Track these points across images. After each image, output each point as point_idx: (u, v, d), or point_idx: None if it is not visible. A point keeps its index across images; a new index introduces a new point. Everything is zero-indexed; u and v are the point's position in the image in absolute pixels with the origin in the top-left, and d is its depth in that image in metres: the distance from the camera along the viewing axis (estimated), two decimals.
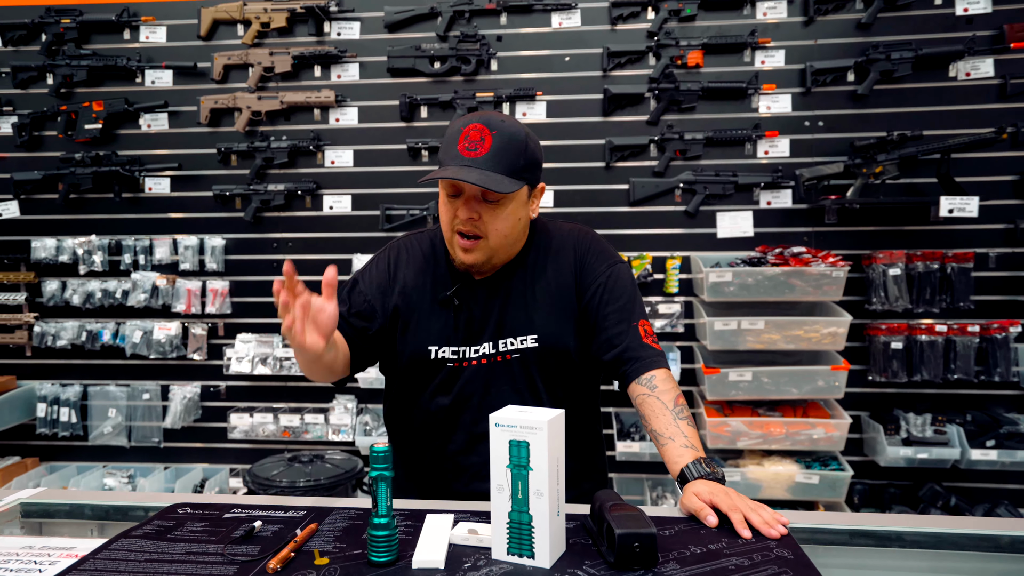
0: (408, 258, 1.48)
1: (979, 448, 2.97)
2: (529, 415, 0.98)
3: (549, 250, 1.46)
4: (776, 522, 1.07)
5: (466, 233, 1.35)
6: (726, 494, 1.12)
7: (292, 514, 1.17)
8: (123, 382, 3.58)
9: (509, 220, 1.36)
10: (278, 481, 2.90)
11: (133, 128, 3.55)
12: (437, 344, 1.41)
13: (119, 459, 3.61)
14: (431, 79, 3.37)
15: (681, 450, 1.22)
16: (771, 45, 3.23)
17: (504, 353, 1.40)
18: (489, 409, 1.39)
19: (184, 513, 1.17)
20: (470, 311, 1.42)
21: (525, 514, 0.97)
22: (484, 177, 1.28)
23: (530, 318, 1.41)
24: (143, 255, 3.51)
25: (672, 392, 1.30)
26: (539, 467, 0.96)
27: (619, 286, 1.41)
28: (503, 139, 1.31)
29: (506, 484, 0.99)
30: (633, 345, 1.35)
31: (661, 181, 3.29)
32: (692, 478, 1.18)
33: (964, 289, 3.10)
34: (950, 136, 3.06)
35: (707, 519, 1.10)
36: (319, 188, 3.44)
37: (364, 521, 1.14)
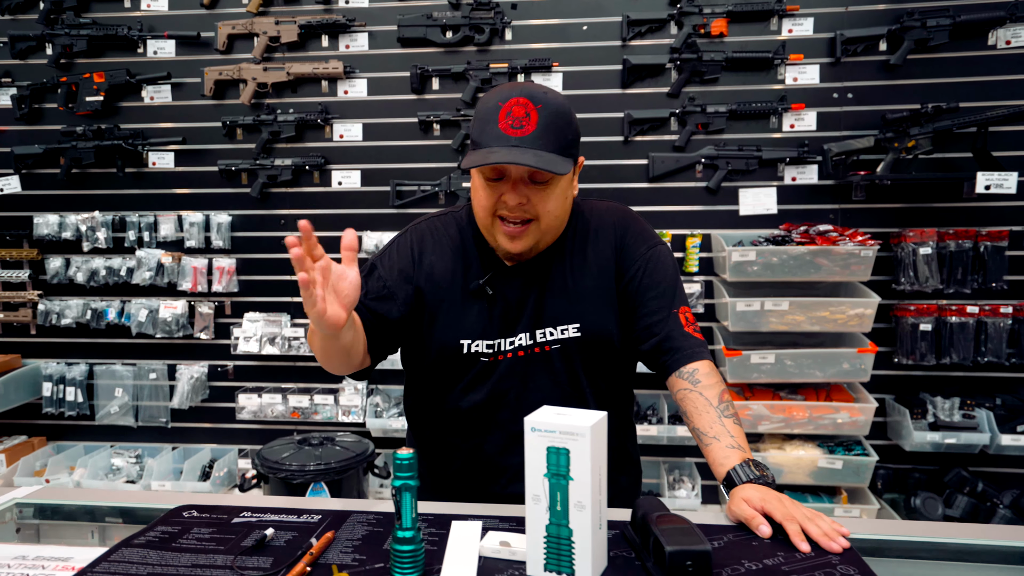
0: (433, 243, 1.35)
1: (1010, 433, 2.88)
2: (569, 419, 0.88)
3: (587, 231, 1.35)
4: (836, 533, 0.97)
5: (514, 219, 1.22)
6: (779, 501, 1.03)
7: (306, 519, 1.09)
8: (129, 361, 3.51)
9: (559, 199, 1.25)
10: (287, 464, 2.84)
11: (135, 100, 3.43)
12: (470, 337, 1.29)
13: (126, 439, 3.55)
14: (443, 49, 3.24)
15: (727, 451, 1.12)
16: (799, 12, 3.08)
17: (543, 344, 1.30)
18: (528, 405, 1.28)
19: (190, 517, 1.09)
20: (505, 300, 1.30)
21: (564, 528, 0.88)
22: (538, 158, 1.15)
23: (572, 306, 1.30)
24: (148, 232, 3.42)
25: (716, 387, 1.20)
26: (580, 477, 0.87)
27: (660, 269, 1.30)
28: (549, 113, 1.19)
29: (543, 494, 0.90)
30: (674, 334, 1.25)
31: (682, 156, 3.17)
32: (740, 482, 1.09)
33: (997, 268, 2.98)
34: (988, 108, 2.92)
35: (759, 529, 1.01)
36: (327, 163, 3.33)
37: (385, 528, 1.06)
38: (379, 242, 3.24)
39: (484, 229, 1.28)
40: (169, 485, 3.29)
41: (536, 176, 1.21)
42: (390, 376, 3.35)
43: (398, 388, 3.37)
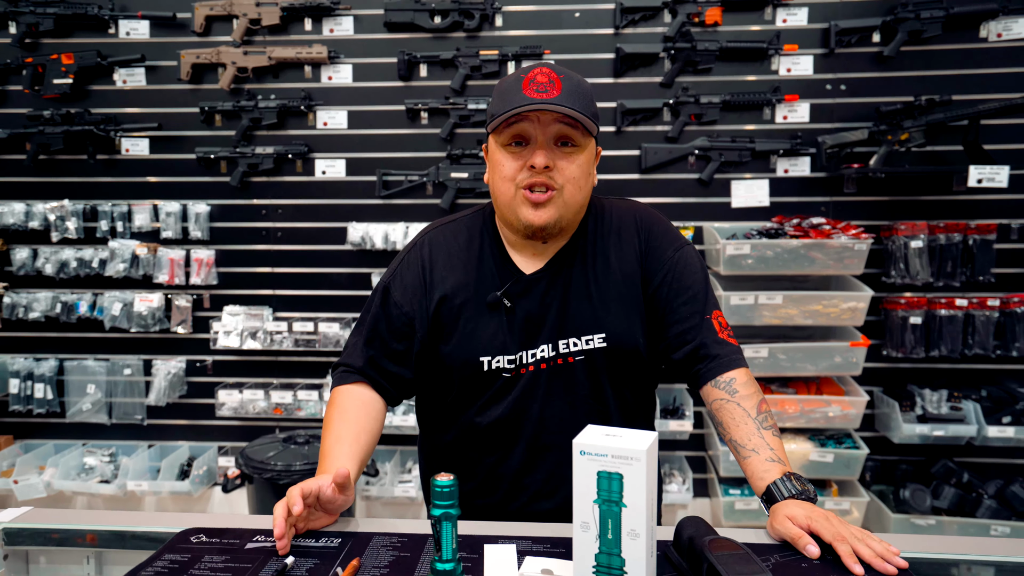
0: (446, 254, 1.28)
1: (995, 424, 2.91)
2: (622, 441, 0.83)
3: (608, 231, 1.28)
4: (890, 554, 0.94)
5: (538, 185, 1.17)
6: (826, 519, 0.98)
7: (325, 543, 1.02)
8: (102, 356, 3.37)
9: (584, 170, 1.20)
10: (273, 464, 2.76)
11: (107, 84, 3.28)
12: (490, 354, 1.22)
13: (100, 436, 3.43)
14: (431, 35, 3.14)
15: (767, 464, 1.08)
16: (794, 2, 3.04)
17: (566, 355, 1.23)
18: (551, 420, 1.23)
19: (199, 543, 1.01)
20: (525, 310, 1.23)
21: (616, 557, 0.83)
22: (570, 107, 1.13)
23: (596, 314, 1.23)
24: (121, 222, 3.28)
25: (755, 397, 1.15)
26: (635, 503, 0.82)
27: (688, 272, 1.25)
28: (573, 82, 1.17)
29: (593, 522, 0.84)
30: (708, 341, 1.20)
31: (674, 147, 3.12)
32: (781, 497, 1.04)
33: (986, 262, 3.00)
34: (980, 101, 2.92)
35: (807, 549, 0.96)
36: (311, 151, 3.22)
37: (411, 552, 0.99)
38: (365, 234, 3.15)
39: (506, 205, 1.21)
40: (146, 484, 3.18)
41: (564, 137, 1.17)
42: None
43: None
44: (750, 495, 2.98)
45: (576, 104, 1.14)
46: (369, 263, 3.21)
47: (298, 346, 3.17)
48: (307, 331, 3.16)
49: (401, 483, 3.15)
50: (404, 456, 3.31)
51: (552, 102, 1.13)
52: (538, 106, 1.12)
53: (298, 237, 3.27)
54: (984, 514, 2.92)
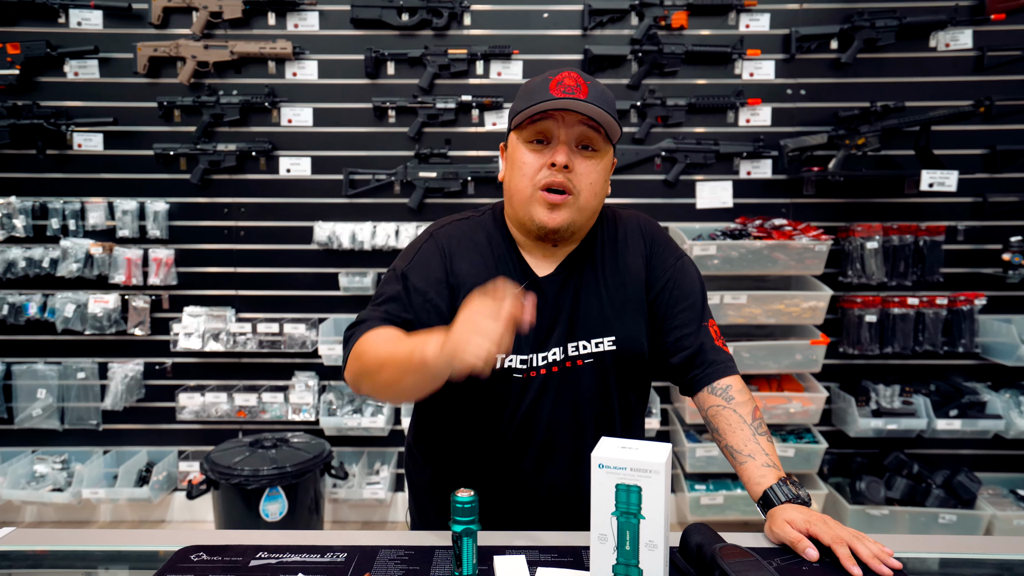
0: (462, 249, 1.26)
1: (944, 418, 3.04)
2: (639, 454, 0.84)
3: (616, 239, 1.30)
4: (885, 555, 0.98)
5: (555, 187, 1.17)
6: (825, 523, 1.02)
7: (332, 557, 1.01)
8: (53, 360, 3.24)
9: (602, 176, 1.21)
10: (240, 469, 2.71)
11: (57, 76, 3.14)
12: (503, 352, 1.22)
13: (51, 443, 3.30)
14: (399, 32, 3.11)
15: (763, 470, 1.11)
16: (756, 7, 3.11)
17: (576, 358, 1.23)
18: (558, 422, 1.24)
19: (200, 562, 0.99)
20: (538, 312, 1.22)
21: (634, 568, 0.85)
22: (597, 109, 1.14)
23: (606, 318, 1.24)
24: (74, 220, 3.16)
25: (749, 404, 1.18)
26: (653, 515, 0.83)
27: (688, 281, 1.28)
28: (599, 89, 1.18)
29: (611, 534, 0.85)
30: (705, 348, 1.22)
31: (641, 149, 3.17)
32: (778, 502, 1.07)
33: (935, 262, 3.13)
34: (930, 108, 3.04)
35: (806, 552, 1.00)
36: (275, 149, 3.15)
37: (420, 566, 0.99)
38: (331, 233, 3.11)
39: (520, 203, 1.20)
40: (102, 492, 3.08)
41: (586, 141, 1.18)
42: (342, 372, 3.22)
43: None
44: (715, 491, 3.05)
45: (602, 106, 1.16)
46: (336, 263, 3.17)
47: (263, 347, 3.11)
48: (272, 332, 3.10)
49: (369, 485, 3.13)
50: (372, 458, 3.28)
51: (579, 103, 1.14)
52: (565, 104, 1.13)
53: (262, 236, 3.20)
54: (933, 503, 3.05)
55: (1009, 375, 3.20)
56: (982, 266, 3.20)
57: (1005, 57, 3.11)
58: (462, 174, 3.10)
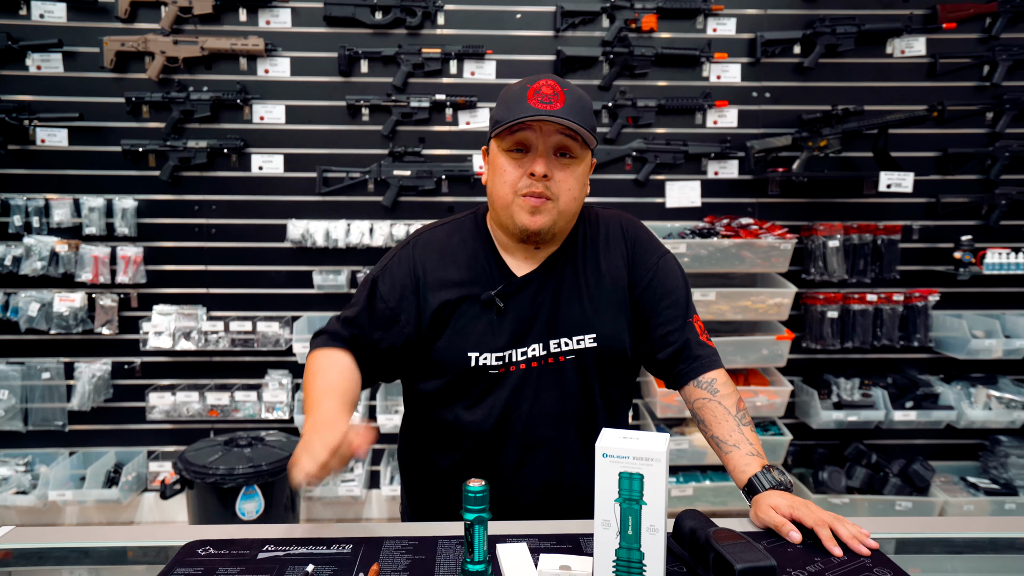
0: (439, 255, 1.31)
1: (900, 409, 3.18)
2: (641, 444, 0.89)
3: (597, 237, 1.34)
4: (863, 536, 1.04)
5: (535, 194, 1.21)
6: (807, 507, 1.08)
7: (338, 549, 1.03)
8: (16, 360, 3.17)
9: (580, 181, 1.25)
10: (215, 468, 2.69)
11: (18, 69, 3.07)
12: (478, 350, 1.26)
13: (13, 445, 3.22)
14: (373, 31, 3.12)
15: (748, 458, 1.17)
16: (723, 12, 3.20)
17: (557, 355, 1.28)
18: (540, 416, 1.28)
19: (207, 555, 1.00)
20: (517, 310, 1.28)
21: (636, 551, 0.89)
22: (572, 120, 1.18)
23: (587, 315, 1.29)
24: (37, 217, 3.09)
25: (734, 396, 1.24)
26: (654, 501, 0.88)
27: (671, 279, 1.32)
28: (575, 96, 1.22)
29: (614, 520, 0.90)
30: (691, 343, 1.28)
31: (613, 148, 3.23)
32: (763, 489, 1.13)
33: (892, 260, 3.26)
34: (886, 112, 3.17)
35: (790, 535, 1.06)
36: (247, 146, 3.13)
37: (427, 554, 1.02)
38: (305, 231, 3.10)
39: (503, 208, 1.25)
40: (70, 494, 3.03)
41: (563, 149, 1.22)
42: None
43: None
44: (685, 483, 3.14)
45: (577, 118, 1.19)
46: (310, 261, 3.16)
47: (235, 346, 3.09)
48: (245, 330, 3.09)
49: (344, 482, 3.13)
50: None
51: (555, 114, 1.17)
52: (541, 117, 1.17)
53: (234, 234, 3.17)
54: (890, 491, 3.19)
55: (960, 368, 3.35)
56: (935, 264, 3.34)
57: (956, 64, 3.25)
58: (436, 172, 3.13)
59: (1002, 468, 3.29)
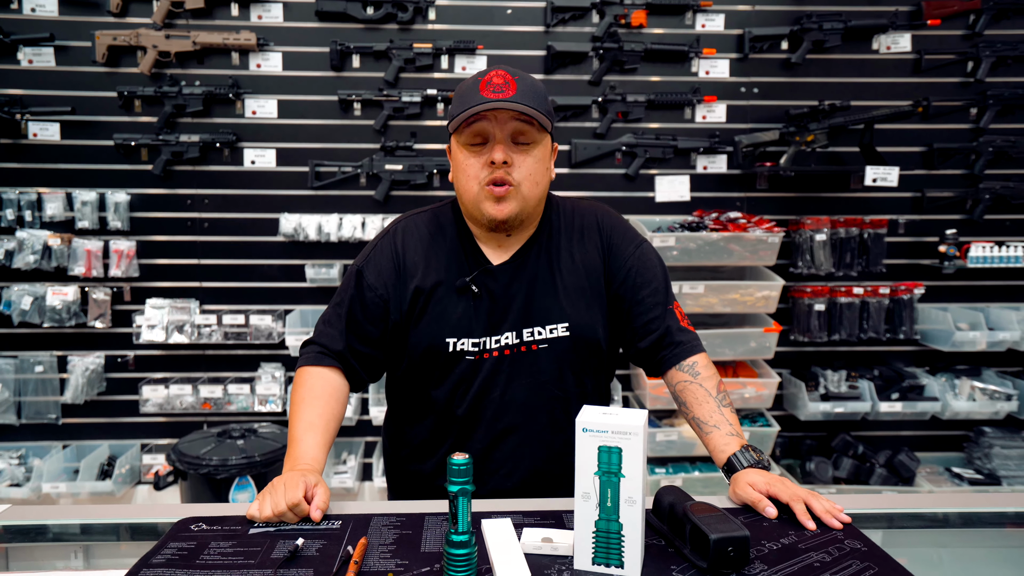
0: (416, 241, 1.34)
1: (886, 401, 3.22)
2: (619, 419, 0.92)
3: (572, 228, 1.37)
4: (836, 510, 1.08)
5: (498, 181, 1.24)
6: (783, 484, 1.12)
7: (328, 525, 1.06)
8: (9, 353, 3.18)
9: (540, 164, 1.28)
10: (208, 459, 2.71)
11: (10, 63, 3.08)
12: (455, 336, 1.29)
13: (7, 438, 3.23)
14: (364, 26, 3.14)
15: (727, 438, 1.20)
16: (712, 8, 3.23)
17: (530, 343, 1.31)
18: (512, 404, 1.31)
19: (200, 531, 1.03)
20: (491, 298, 1.31)
21: (615, 523, 0.92)
22: (523, 104, 1.20)
23: (560, 305, 1.32)
24: (30, 210, 3.10)
25: (714, 379, 1.28)
26: (632, 474, 0.91)
27: (649, 267, 1.35)
28: (527, 83, 1.25)
29: (593, 492, 0.93)
30: (672, 330, 1.31)
31: (603, 143, 3.26)
32: (741, 467, 1.17)
33: (878, 253, 3.30)
34: (873, 107, 3.21)
35: (766, 511, 1.10)
36: (239, 140, 3.15)
37: (413, 529, 1.05)
38: (297, 225, 3.12)
39: (470, 201, 1.28)
40: (63, 486, 3.04)
41: (519, 136, 1.25)
42: None
43: None
44: (674, 473, 3.17)
45: (530, 102, 1.22)
46: (302, 255, 3.19)
47: (228, 339, 3.11)
48: (238, 324, 3.11)
49: (337, 474, 3.16)
50: (339, 448, 3.31)
51: (507, 101, 1.20)
52: (494, 105, 1.20)
53: (226, 228, 3.19)
54: (876, 481, 3.23)
55: (946, 360, 3.40)
56: (921, 257, 3.39)
57: (941, 60, 3.30)
58: (428, 166, 3.15)
59: (986, 459, 3.34)
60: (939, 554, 1.18)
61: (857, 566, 0.95)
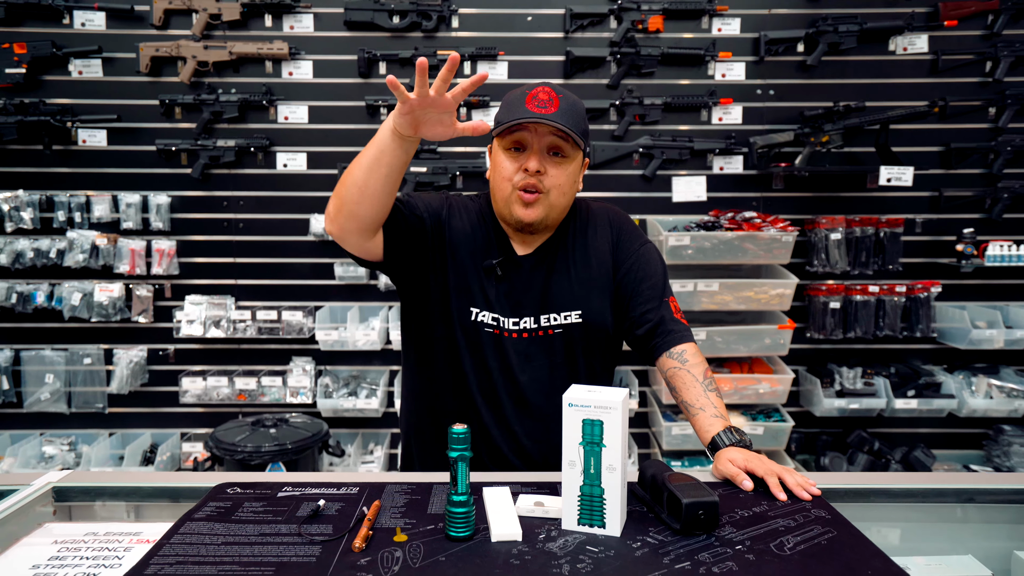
0: (460, 213, 1.48)
1: (902, 398, 3.26)
2: (601, 395, 1.03)
3: (587, 227, 1.50)
4: (808, 484, 1.18)
5: (529, 187, 1.37)
6: (760, 460, 1.22)
7: (346, 491, 1.19)
8: (60, 346, 3.39)
9: (571, 178, 1.41)
10: (243, 446, 2.87)
11: (62, 74, 3.29)
12: (479, 307, 1.43)
13: (58, 426, 3.45)
14: (390, 34, 3.28)
15: (712, 419, 1.30)
16: (728, 12, 3.31)
17: (547, 328, 1.44)
18: (531, 384, 1.43)
19: (236, 493, 1.17)
20: (512, 284, 1.44)
21: (597, 487, 1.04)
22: (564, 123, 1.33)
23: (574, 294, 1.44)
24: (79, 212, 3.31)
25: (701, 365, 1.38)
26: (612, 444, 1.02)
27: (651, 263, 1.48)
28: (569, 102, 1.38)
29: (578, 460, 1.04)
30: (666, 319, 1.42)
31: (620, 145, 3.36)
32: (724, 445, 1.27)
33: (894, 252, 3.34)
34: (889, 108, 3.26)
35: (743, 484, 1.20)
36: (272, 145, 3.32)
37: (422, 495, 1.18)
38: None
39: (502, 200, 1.41)
40: (110, 472, 3.24)
41: (555, 148, 1.38)
42: (337, 357, 3.40)
43: (346, 369, 3.43)
44: (690, 466, 3.25)
45: (568, 121, 1.35)
46: (331, 254, 3.34)
47: (261, 334, 3.28)
48: (270, 319, 3.27)
49: (364, 464, 3.30)
50: (366, 439, 3.46)
51: (548, 117, 1.33)
52: (535, 119, 1.33)
53: (260, 228, 3.36)
54: None
55: (964, 358, 3.43)
56: (938, 256, 3.42)
57: (958, 60, 3.33)
58: (451, 169, 3.28)
59: (1005, 456, 3.36)
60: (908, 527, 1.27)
61: (818, 530, 1.04)
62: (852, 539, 1.01)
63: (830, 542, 1.00)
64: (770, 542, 1.00)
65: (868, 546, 0.99)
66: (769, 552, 0.97)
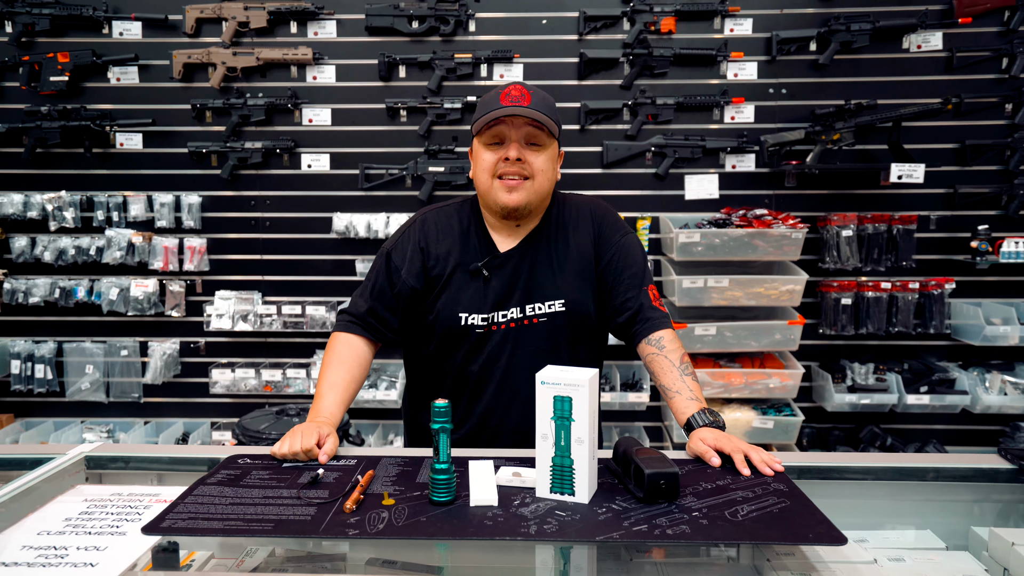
0: (437, 230, 1.58)
1: (914, 394, 3.28)
2: (570, 374, 1.12)
3: (568, 219, 1.59)
4: (773, 461, 1.25)
5: (512, 174, 1.47)
6: (728, 439, 1.30)
7: (345, 463, 1.30)
8: (99, 339, 3.58)
9: (549, 163, 1.52)
10: (268, 433, 3.00)
11: (101, 81, 3.48)
12: (467, 312, 1.52)
13: (97, 414, 3.64)
14: (409, 39, 3.40)
15: (687, 402, 1.39)
16: (740, 13, 3.36)
17: (532, 317, 1.53)
18: (517, 370, 1.54)
19: (245, 463, 1.29)
20: (499, 280, 1.54)
21: (567, 458, 1.13)
22: (537, 112, 1.44)
23: (556, 284, 1.54)
24: (116, 212, 3.49)
25: (678, 351, 1.46)
26: (580, 419, 1.11)
27: (631, 254, 1.56)
28: (540, 96, 1.49)
29: (550, 433, 1.14)
30: (644, 307, 1.51)
31: (633, 144, 3.43)
32: (698, 426, 1.35)
33: (908, 249, 3.36)
34: (901, 106, 3.27)
35: (711, 460, 1.28)
36: (297, 146, 3.46)
37: (413, 467, 1.28)
38: (349, 223, 3.41)
39: (485, 192, 1.51)
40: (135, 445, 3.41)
41: (531, 138, 1.49)
42: None
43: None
44: None
45: (543, 111, 1.46)
46: (353, 251, 3.48)
47: (286, 328, 3.43)
48: (295, 314, 3.42)
49: None
50: (386, 429, 3.59)
51: (523, 109, 1.44)
52: (511, 111, 1.44)
53: (285, 226, 3.51)
54: None
55: (979, 355, 3.42)
56: (953, 253, 3.42)
57: (973, 58, 3.33)
58: (468, 168, 3.39)
59: None
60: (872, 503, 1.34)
61: (773, 501, 1.12)
62: (803, 508, 1.09)
63: (782, 511, 1.08)
64: (725, 510, 1.09)
65: (816, 514, 1.07)
66: (723, 518, 1.06)
